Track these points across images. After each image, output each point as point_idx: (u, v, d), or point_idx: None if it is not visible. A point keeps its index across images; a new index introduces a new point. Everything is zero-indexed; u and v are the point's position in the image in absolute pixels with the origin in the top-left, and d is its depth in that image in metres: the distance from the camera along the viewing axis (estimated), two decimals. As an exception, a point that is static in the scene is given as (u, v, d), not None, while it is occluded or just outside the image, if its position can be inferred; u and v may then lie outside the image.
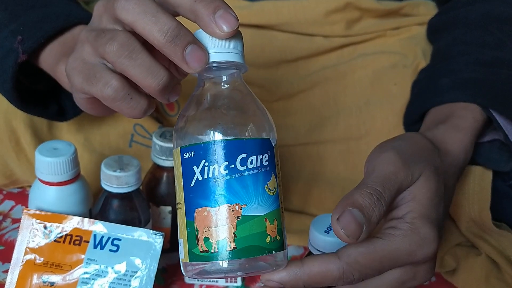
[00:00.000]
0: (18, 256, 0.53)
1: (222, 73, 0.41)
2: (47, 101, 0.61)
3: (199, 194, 0.39)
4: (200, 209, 0.39)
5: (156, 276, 0.52)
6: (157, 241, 0.53)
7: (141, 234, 0.53)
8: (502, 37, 0.62)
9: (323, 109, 0.70)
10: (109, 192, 0.55)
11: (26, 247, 0.53)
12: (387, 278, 0.42)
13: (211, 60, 0.40)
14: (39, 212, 0.54)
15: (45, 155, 0.55)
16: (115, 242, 0.53)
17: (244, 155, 0.39)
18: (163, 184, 0.60)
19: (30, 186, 0.59)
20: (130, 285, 0.52)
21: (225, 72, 0.41)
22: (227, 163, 0.38)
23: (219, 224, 0.38)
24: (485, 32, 0.63)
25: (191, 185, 0.39)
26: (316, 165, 0.68)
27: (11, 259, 0.53)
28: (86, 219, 0.53)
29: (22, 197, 0.70)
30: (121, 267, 0.52)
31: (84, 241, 0.53)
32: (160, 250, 0.52)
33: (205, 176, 0.38)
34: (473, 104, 0.56)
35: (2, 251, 0.62)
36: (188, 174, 0.39)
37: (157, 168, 0.60)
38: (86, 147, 0.65)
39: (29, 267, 0.52)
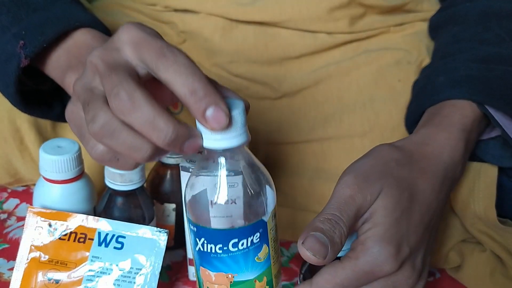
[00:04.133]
0: (23, 254, 0.53)
1: (219, 156, 0.43)
2: (51, 102, 0.61)
3: (202, 258, 0.45)
4: (203, 268, 0.46)
5: (160, 273, 0.52)
6: (161, 238, 0.53)
7: (145, 232, 0.53)
8: (501, 33, 0.61)
9: (326, 106, 0.70)
10: (113, 189, 0.56)
11: (31, 245, 0.53)
12: None
13: (205, 145, 0.41)
14: (43, 210, 0.54)
15: (49, 153, 0.55)
16: (120, 239, 0.53)
17: (235, 240, 0.44)
18: (167, 181, 0.60)
19: (34, 184, 0.59)
20: (134, 282, 0.52)
21: (223, 154, 0.43)
22: (220, 245, 0.44)
23: (216, 283, 0.46)
24: (484, 29, 0.62)
25: (196, 249, 0.45)
26: (320, 162, 0.68)
27: (16, 257, 0.53)
28: (90, 217, 0.53)
29: (26, 195, 0.70)
30: (126, 265, 0.52)
31: (89, 239, 0.53)
32: (164, 247, 0.52)
33: (204, 249, 0.45)
34: (463, 101, 0.56)
35: (7, 249, 0.62)
36: (194, 241, 0.45)
37: (161, 165, 0.60)
38: (90, 145, 0.65)
39: (34, 265, 0.53)
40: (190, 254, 0.58)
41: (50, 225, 0.53)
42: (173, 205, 0.60)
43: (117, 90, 0.38)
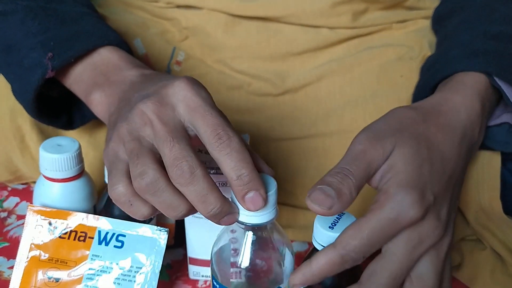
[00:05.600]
0: (23, 253, 0.53)
1: (248, 230, 0.47)
2: (59, 111, 0.62)
3: None
4: None
5: (161, 272, 0.52)
6: (161, 237, 0.53)
7: (146, 230, 0.53)
8: (508, 13, 0.61)
9: (329, 101, 0.70)
10: (113, 188, 0.55)
11: (31, 244, 0.53)
12: (394, 253, 0.44)
13: (240, 219, 0.45)
14: (43, 209, 0.54)
15: (49, 151, 0.55)
16: (120, 238, 0.53)
17: None
18: (168, 179, 0.60)
19: (34, 182, 0.59)
20: (135, 281, 0.52)
21: (251, 228, 0.47)
22: None
23: None
24: (491, 11, 0.62)
25: None
26: (322, 159, 0.67)
27: (16, 256, 0.53)
28: (90, 215, 0.53)
29: (26, 194, 0.70)
30: (126, 263, 0.52)
31: (89, 237, 0.53)
32: (164, 246, 0.52)
33: None
34: (477, 73, 0.55)
35: (7, 248, 0.62)
36: None
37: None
38: (91, 144, 0.65)
39: (34, 264, 0.53)
40: (190, 253, 0.58)
41: (50, 224, 0.53)
42: (174, 203, 0.60)
43: (180, 163, 0.42)
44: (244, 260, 0.47)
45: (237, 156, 0.42)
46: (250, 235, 0.47)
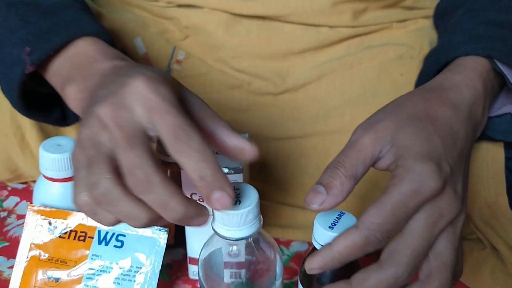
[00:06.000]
0: (23, 252, 0.53)
1: (231, 245, 0.46)
2: (51, 107, 0.61)
3: None
4: None
5: (161, 271, 0.52)
6: (161, 237, 0.53)
7: (146, 230, 0.53)
8: (511, 3, 0.61)
9: (329, 100, 0.70)
10: (113, 187, 0.55)
11: (31, 243, 0.53)
12: (415, 229, 0.43)
13: (221, 233, 0.44)
14: (43, 208, 0.54)
15: (49, 151, 0.55)
16: (120, 238, 0.53)
17: None
18: (168, 179, 0.59)
19: (34, 182, 0.59)
20: (134, 281, 0.52)
21: (233, 243, 0.46)
22: None
23: None
24: (494, 1, 0.62)
25: None
26: (322, 158, 0.67)
27: (16, 255, 0.53)
28: (90, 215, 0.53)
29: (26, 193, 0.70)
30: (126, 263, 0.52)
31: (89, 237, 0.53)
32: (164, 245, 0.52)
33: None
34: (478, 56, 0.54)
35: (7, 247, 0.62)
36: None
37: (162, 163, 0.59)
38: (90, 143, 0.65)
39: (34, 263, 0.53)
40: (190, 253, 0.58)
41: (50, 223, 0.53)
42: (174, 203, 0.60)
43: (135, 171, 0.39)
44: (226, 274, 0.47)
45: (198, 157, 0.40)
46: (235, 248, 0.46)
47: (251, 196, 0.44)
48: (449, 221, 0.44)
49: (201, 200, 0.53)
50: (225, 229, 0.44)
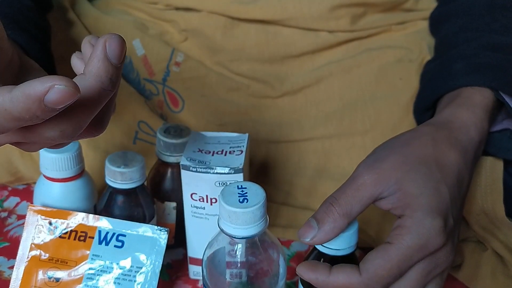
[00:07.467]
0: (24, 252, 0.53)
1: (238, 243, 0.46)
2: None
3: None
4: None
5: (161, 271, 0.52)
6: (161, 237, 0.53)
7: (146, 230, 0.53)
8: (507, 23, 0.61)
9: (328, 104, 0.70)
10: (114, 188, 0.55)
11: (32, 243, 0.53)
12: (411, 277, 0.44)
13: (229, 232, 0.44)
14: (44, 208, 0.54)
15: (50, 151, 0.55)
16: (120, 238, 0.53)
17: None
18: (168, 180, 0.60)
19: (35, 183, 0.59)
20: (135, 281, 0.52)
21: (242, 241, 0.46)
22: None
23: None
24: (491, 19, 0.62)
25: None
26: (321, 160, 0.68)
27: (16, 255, 0.53)
28: (91, 215, 0.53)
29: (27, 194, 0.70)
30: (126, 263, 0.52)
31: (89, 237, 0.53)
32: (164, 246, 0.52)
33: None
34: (482, 88, 0.55)
35: (7, 247, 0.62)
36: None
37: (162, 164, 0.60)
38: (90, 144, 0.65)
39: (34, 263, 0.53)
40: (190, 253, 0.58)
41: (50, 224, 0.53)
42: (174, 204, 0.60)
43: None
44: (228, 273, 0.47)
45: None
46: (240, 246, 0.46)
47: (258, 195, 0.44)
48: (443, 270, 0.46)
49: (201, 200, 0.53)
50: (232, 227, 0.44)
